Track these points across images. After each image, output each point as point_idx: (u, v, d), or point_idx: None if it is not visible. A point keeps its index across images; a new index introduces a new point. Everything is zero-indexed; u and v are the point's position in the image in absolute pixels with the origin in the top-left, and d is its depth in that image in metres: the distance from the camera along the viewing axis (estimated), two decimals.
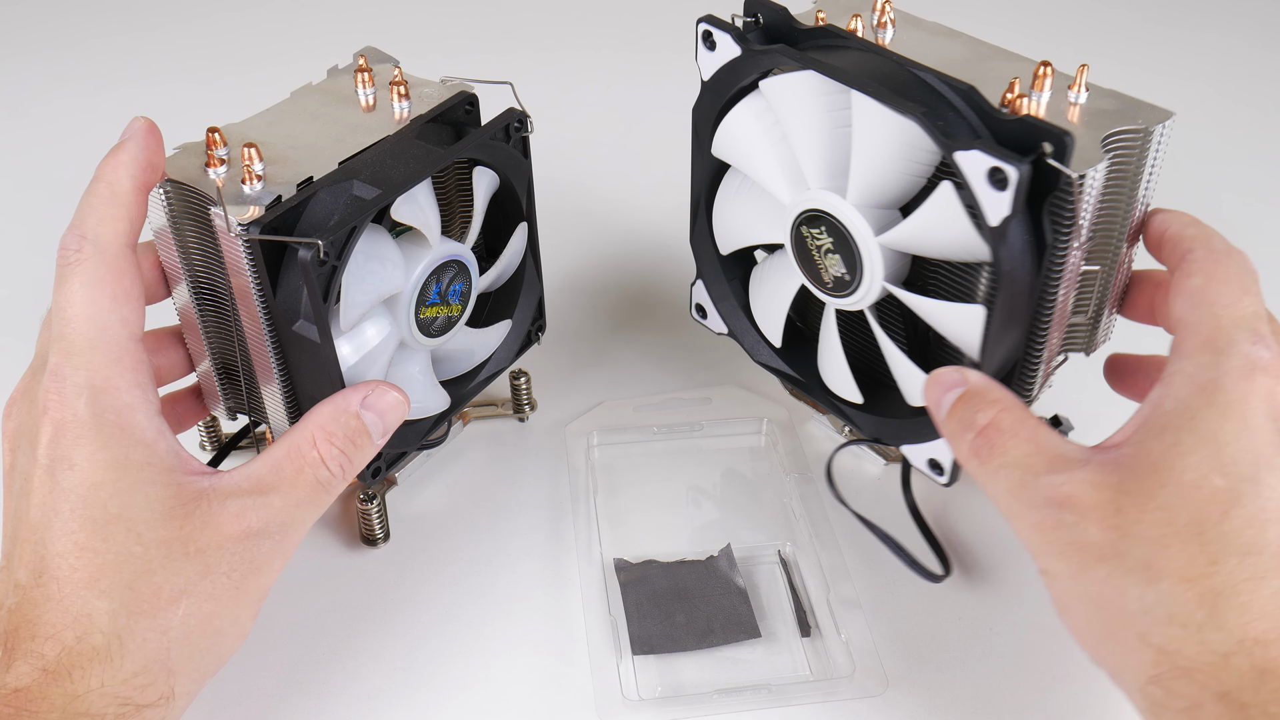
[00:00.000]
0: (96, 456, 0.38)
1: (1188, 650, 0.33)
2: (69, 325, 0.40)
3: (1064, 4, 1.07)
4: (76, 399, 0.38)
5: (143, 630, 0.37)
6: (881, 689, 0.46)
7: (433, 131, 0.50)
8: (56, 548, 0.37)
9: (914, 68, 0.43)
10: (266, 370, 0.47)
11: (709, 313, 0.55)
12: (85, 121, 0.90)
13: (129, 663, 0.37)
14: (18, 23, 1.06)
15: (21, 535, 0.38)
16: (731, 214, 0.52)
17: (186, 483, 0.39)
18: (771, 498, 0.55)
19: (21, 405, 0.41)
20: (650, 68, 0.97)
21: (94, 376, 0.39)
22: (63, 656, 0.36)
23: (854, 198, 0.44)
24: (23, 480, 0.39)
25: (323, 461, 0.42)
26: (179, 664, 0.38)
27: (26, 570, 0.37)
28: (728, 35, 0.46)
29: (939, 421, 0.41)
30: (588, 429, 0.59)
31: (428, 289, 0.48)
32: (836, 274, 0.47)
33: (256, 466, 0.41)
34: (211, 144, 0.45)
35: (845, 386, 0.51)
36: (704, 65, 0.48)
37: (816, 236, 0.46)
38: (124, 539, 0.37)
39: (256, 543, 0.40)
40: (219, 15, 1.07)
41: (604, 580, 0.50)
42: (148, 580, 0.37)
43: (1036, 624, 0.49)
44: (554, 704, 0.46)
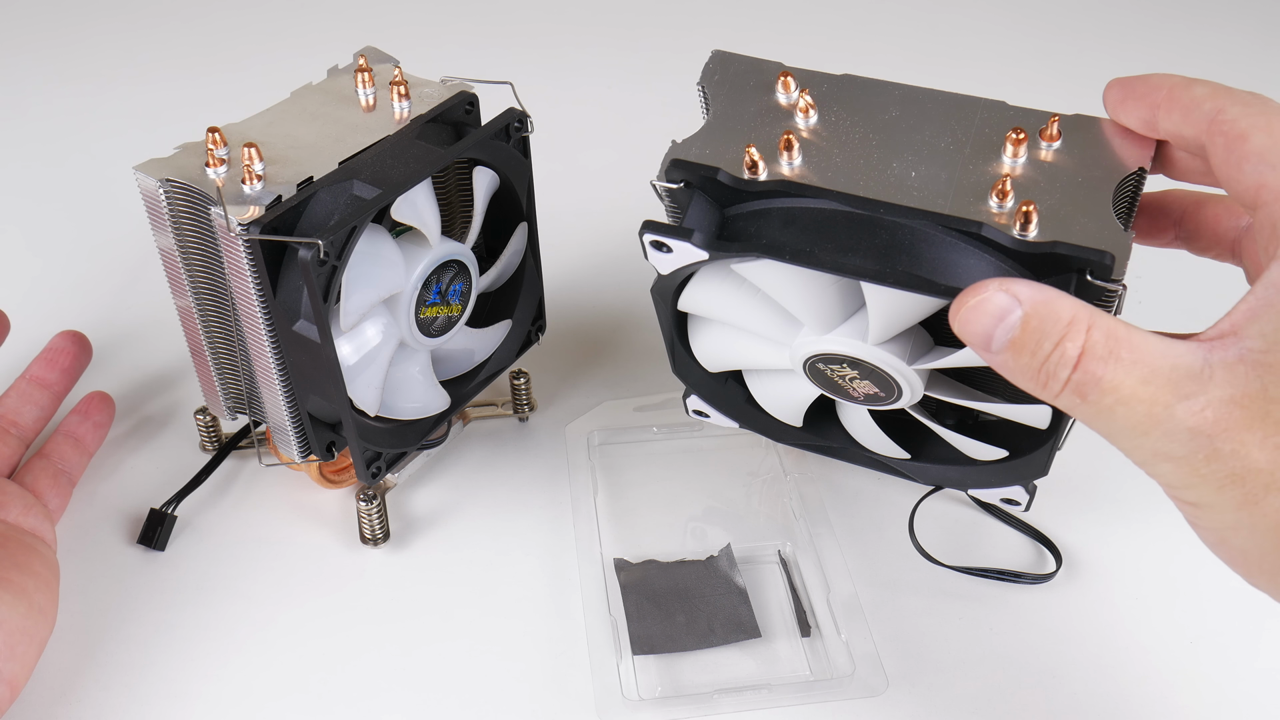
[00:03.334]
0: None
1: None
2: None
3: (1064, 4, 1.07)
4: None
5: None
6: (881, 689, 0.46)
7: (433, 131, 0.50)
8: None
9: (907, 220, 0.39)
10: (266, 370, 0.47)
11: (712, 415, 0.51)
12: (85, 121, 0.90)
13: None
14: (18, 22, 1.06)
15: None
16: (718, 347, 0.47)
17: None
18: (771, 498, 0.55)
19: None
20: (650, 68, 0.97)
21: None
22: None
23: (875, 339, 0.41)
24: None
25: None
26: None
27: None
28: (686, 243, 0.41)
29: (993, 357, 0.34)
30: (588, 429, 0.59)
31: (428, 289, 0.48)
32: (868, 393, 0.44)
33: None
34: (212, 144, 0.45)
35: (888, 449, 0.48)
36: (659, 264, 0.43)
37: (838, 370, 0.43)
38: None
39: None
40: (219, 15, 1.07)
41: (604, 580, 0.50)
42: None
43: (1036, 624, 0.49)
44: (554, 704, 0.46)
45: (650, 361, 0.64)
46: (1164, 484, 0.34)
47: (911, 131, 0.42)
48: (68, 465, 0.54)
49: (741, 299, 0.43)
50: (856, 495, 0.55)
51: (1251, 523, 0.32)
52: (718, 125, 0.44)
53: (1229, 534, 0.33)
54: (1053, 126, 0.41)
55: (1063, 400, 0.33)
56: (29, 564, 0.46)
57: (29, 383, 0.56)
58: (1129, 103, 0.40)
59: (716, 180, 0.41)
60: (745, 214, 0.42)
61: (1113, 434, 0.33)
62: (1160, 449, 0.32)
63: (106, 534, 0.54)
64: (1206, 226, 0.43)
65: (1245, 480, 0.31)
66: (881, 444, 0.48)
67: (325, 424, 0.49)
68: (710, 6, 1.07)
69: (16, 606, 0.43)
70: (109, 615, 0.50)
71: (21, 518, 0.49)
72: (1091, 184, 0.39)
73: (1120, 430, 0.33)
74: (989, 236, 0.37)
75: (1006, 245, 0.37)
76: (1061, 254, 0.36)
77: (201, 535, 0.54)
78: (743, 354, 0.47)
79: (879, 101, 0.44)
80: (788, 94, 0.44)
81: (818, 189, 0.40)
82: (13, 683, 0.43)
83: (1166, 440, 0.32)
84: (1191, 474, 0.32)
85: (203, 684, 0.47)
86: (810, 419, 0.49)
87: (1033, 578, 0.51)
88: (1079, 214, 0.38)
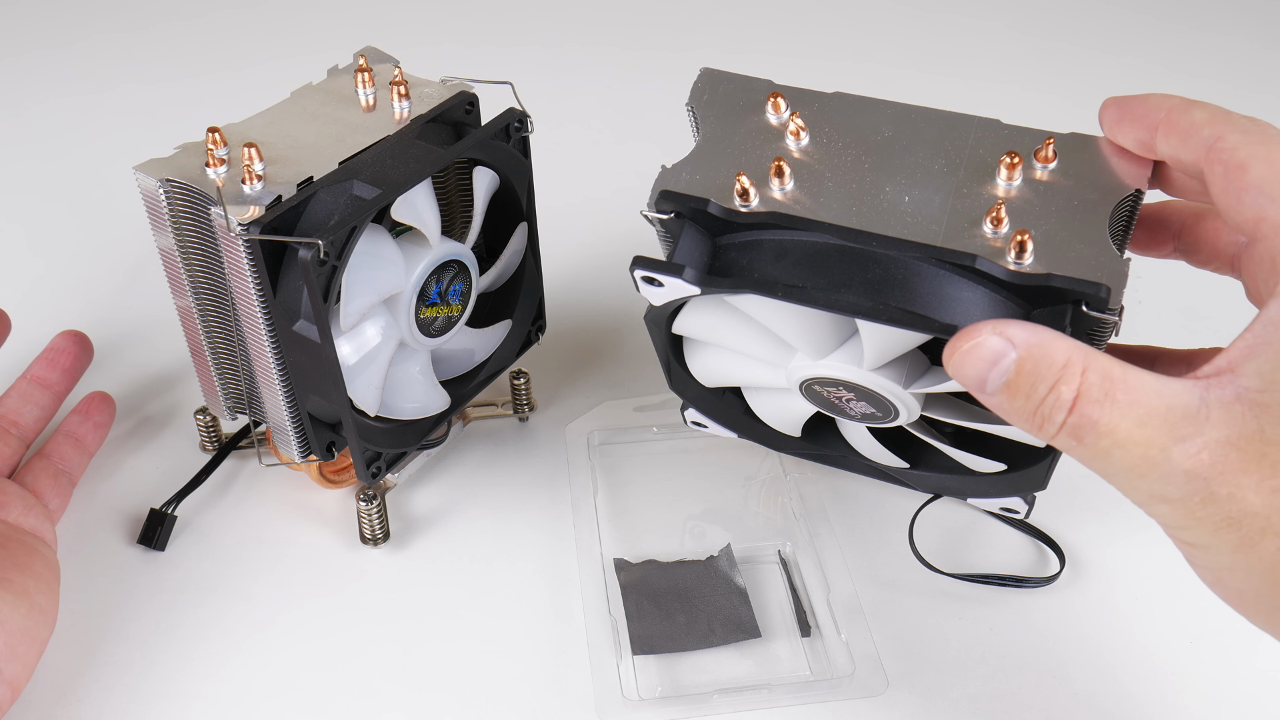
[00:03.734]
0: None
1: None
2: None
3: (1064, 4, 1.07)
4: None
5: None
6: (881, 689, 0.46)
7: (433, 131, 0.50)
8: None
9: (899, 254, 0.38)
10: (266, 370, 0.47)
11: (710, 426, 0.51)
12: (84, 121, 0.90)
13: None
14: (18, 23, 1.06)
15: None
16: (714, 367, 0.47)
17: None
18: (771, 498, 0.55)
19: None
20: (650, 68, 0.97)
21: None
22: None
23: (870, 366, 0.41)
24: None
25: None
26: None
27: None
28: (677, 279, 0.40)
29: (989, 399, 0.34)
30: (588, 429, 0.59)
31: (428, 289, 0.48)
32: (864, 413, 0.44)
33: None
34: (212, 144, 0.45)
35: (885, 458, 0.48)
36: (651, 297, 0.43)
37: (834, 392, 0.43)
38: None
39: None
40: (219, 14, 1.07)
41: (604, 580, 0.50)
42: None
43: (1036, 624, 0.49)
44: (554, 704, 0.46)
45: (650, 362, 0.64)
46: (1162, 524, 0.34)
47: (904, 153, 0.42)
48: (68, 465, 0.54)
49: (736, 325, 0.43)
50: (856, 496, 0.55)
51: (1248, 565, 0.32)
52: (707, 149, 0.43)
53: (1225, 575, 0.33)
54: (1048, 148, 0.40)
55: (1059, 442, 0.33)
56: (30, 564, 0.46)
57: (30, 383, 0.56)
58: (1125, 124, 0.40)
59: (707, 211, 0.41)
60: (737, 244, 0.41)
61: (1109, 475, 0.33)
62: (1157, 491, 0.32)
63: (106, 534, 0.54)
64: (1206, 240, 0.43)
65: (1241, 524, 0.31)
66: (880, 455, 0.48)
67: (325, 424, 0.49)
68: (710, 6, 1.07)
69: (18, 607, 0.43)
70: (109, 615, 0.50)
71: (22, 518, 0.49)
72: (1088, 206, 0.39)
73: (1117, 472, 0.33)
74: (983, 269, 0.37)
75: (1001, 278, 0.37)
76: (1056, 289, 0.36)
77: (201, 535, 0.54)
78: (739, 373, 0.47)
79: (871, 121, 0.43)
80: (778, 115, 0.44)
81: (809, 221, 0.39)
82: (13, 683, 0.43)
83: (1163, 483, 0.32)
84: (1188, 516, 0.32)
85: (203, 684, 0.47)
86: (809, 429, 0.49)
87: (1036, 581, 0.51)
88: (1075, 240, 0.38)
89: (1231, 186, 0.34)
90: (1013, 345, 0.33)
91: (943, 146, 0.42)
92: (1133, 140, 0.39)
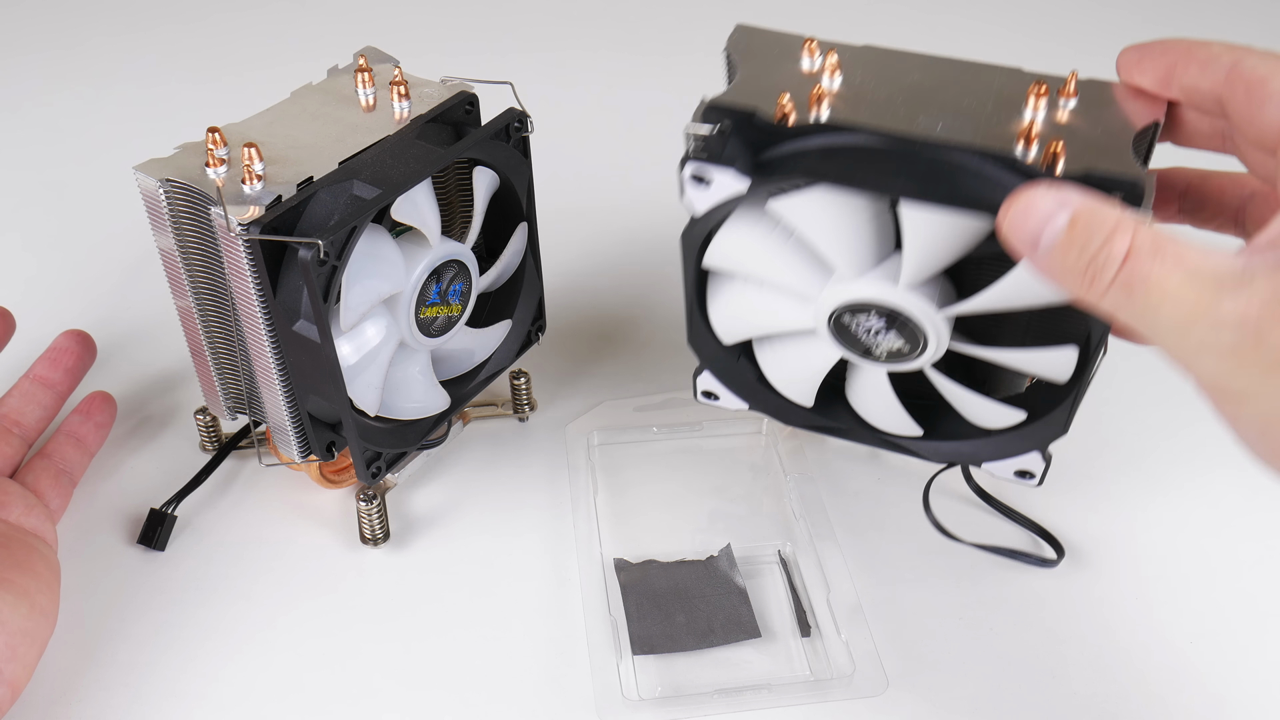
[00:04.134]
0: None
1: None
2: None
3: (1064, 4, 1.07)
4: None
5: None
6: (881, 689, 0.46)
7: (433, 131, 0.50)
8: None
9: (944, 149, 0.40)
10: (266, 370, 0.47)
11: (721, 395, 0.51)
12: (85, 122, 0.90)
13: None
14: (18, 23, 1.06)
15: None
16: (737, 313, 0.48)
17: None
18: (771, 498, 0.55)
19: None
20: (650, 68, 0.97)
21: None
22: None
23: (907, 283, 0.42)
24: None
25: None
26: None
27: None
28: (728, 171, 0.42)
29: (1040, 259, 0.35)
30: (588, 429, 0.59)
31: (428, 289, 0.48)
32: (891, 349, 0.44)
33: None
34: (212, 144, 0.45)
35: (901, 424, 0.48)
36: (696, 202, 0.43)
37: (864, 321, 0.44)
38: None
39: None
40: (219, 15, 1.07)
41: (604, 580, 0.50)
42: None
43: (1036, 624, 0.49)
44: (554, 704, 0.46)
45: (650, 361, 0.64)
46: (1207, 381, 0.34)
47: (935, 92, 0.43)
48: (69, 465, 0.54)
49: (772, 248, 0.44)
50: (856, 495, 0.55)
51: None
52: (746, 85, 0.44)
53: (1273, 422, 0.33)
54: (1070, 84, 0.42)
55: (1109, 298, 0.34)
56: (31, 565, 0.46)
57: (32, 382, 0.56)
58: (1145, 62, 0.41)
59: (753, 123, 0.41)
60: (781, 156, 0.42)
61: (1156, 330, 0.34)
62: (1206, 340, 0.33)
63: (106, 534, 0.54)
64: (1211, 198, 0.44)
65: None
66: (894, 418, 0.48)
67: (325, 424, 0.49)
68: (710, 6, 1.07)
69: (18, 608, 0.43)
70: (109, 615, 0.50)
71: (23, 518, 0.49)
72: (1110, 133, 0.40)
73: (1165, 326, 0.33)
74: (1024, 166, 0.38)
75: (1042, 174, 0.38)
76: (1095, 180, 0.37)
77: (201, 535, 0.54)
78: (763, 316, 0.47)
79: (900, 68, 0.45)
80: (812, 59, 0.45)
81: (855, 126, 0.41)
82: (14, 684, 0.43)
83: (1212, 332, 0.32)
84: (1238, 363, 0.32)
85: (203, 684, 0.47)
86: (818, 401, 0.50)
87: (1039, 559, 0.51)
88: (1102, 157, 0.39)
89: (1254, 98, 0.37)
90: (1067, 204, 0.34)
91: (970, 87, 0.43)
92: (1152, 78, 0.41)
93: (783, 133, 0.41)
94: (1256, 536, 0.53)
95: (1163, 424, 0.60)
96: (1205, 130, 0.42)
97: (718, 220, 0.44)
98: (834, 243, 0.42)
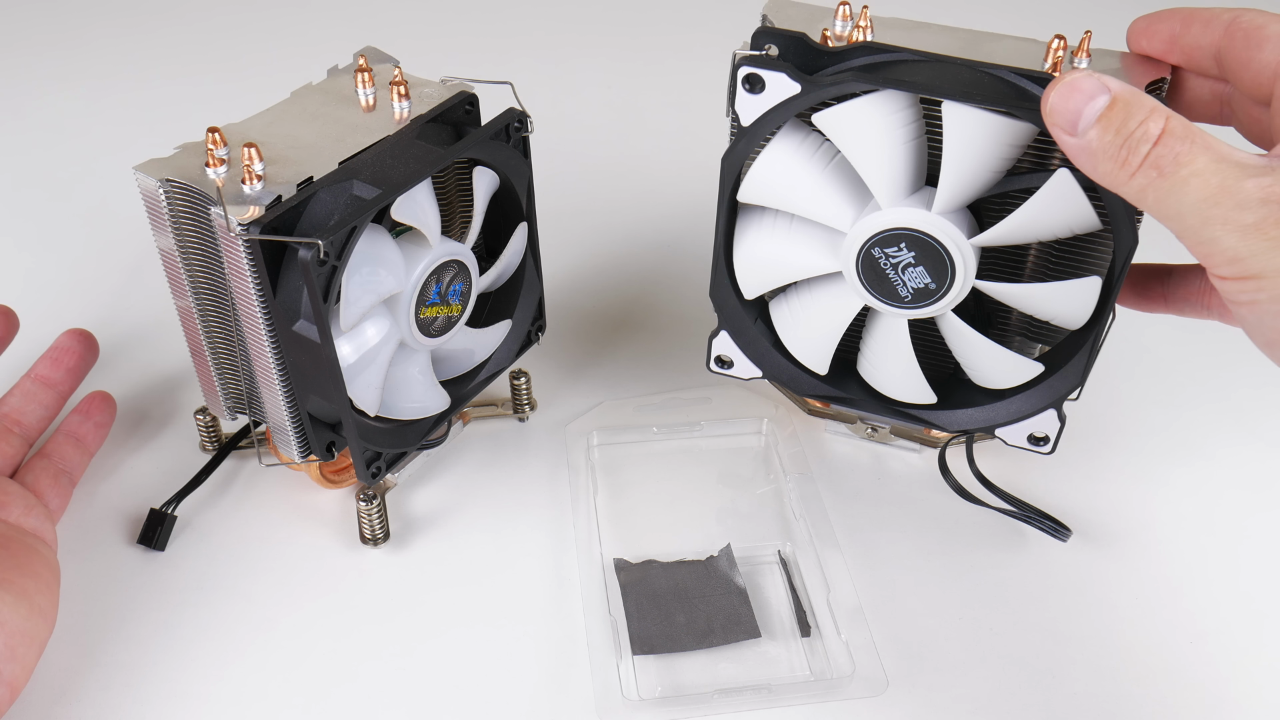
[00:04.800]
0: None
1: None
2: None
3: (1065, 4, 1.07)
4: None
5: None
6: (881, 689, 0.46)
7: (433, 131, 0.50)
8: None
9: (984, 68, 0.42)
10: (266, 370, 0.47)
11: (735, 361, 0.52)
12: (85, 122, 0.90)
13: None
14: (18, 23, 1.06)
15: None
16: (764, 255, 0.49)
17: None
18: (771, 498, 0.55)
19: None
20: (650, 68, 0.97)
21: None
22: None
23: (941, 208, 0.43)
24: None
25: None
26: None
27: None
28: (781, 74, 0.43)
29: (1078, 138, 0.38)
30: (588, 429, 0.59)
31: (428, 289, 0.48)
32: (918, 286, 0.45)
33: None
34: (212, 144, 0.45)
35: (916, 391, 0.49)
36: (745, 110, 0.45)
37: (893, 255, 0.45)
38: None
39: None
40: (219, 15, 1.07)
41: (604, 580, 0.50)
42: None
43: (1037, 624, 0.49)
44: (554, 704, 0.46)
45: (650, 361, 0.64)
46: (1226, 259, 0.36)
47: (959, 52, 0.45)
48: (69, 465, 0.54)
49: (809, 174, 0.45)
50: (856, 495, 0.55)
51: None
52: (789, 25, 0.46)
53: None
54: (1086, 41, 0.44)
55: (1140, 176, 0.36)
56: (30, 565, 0.46)
57: (34, 382, 0.56)
58: (1156, 25, 0.44)
59: (803, 43, 0.44)
60: (829, 77, 0.44)
61: (1182, 208, 0.36)
62: (1230, 217, 0.35)
63: (106, 534, 0.54)
64: (1176, 287, 0.47)
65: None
66: (910, 380, 0.48)
67: (325, 424, 0.49)
68: (710, 6, 1.07)
69: (18, 608, 0.43)
70: (109, 615, 0.50)
71: (23, 518, 0.49)
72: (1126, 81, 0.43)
73: (1192, 202, 0.35)
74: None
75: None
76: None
77: (201, 535, 0.54)
78: (790, 259, 0.48)
79: (924, 34, 0.47)
80: (846, 21, 0.47)
81: (899, 48, 0.44)
82: (13, 684, 0.43)
83: (1237, 209, 0.35)
84: (1260, 238, 0.35)
85: (203, 684, 0.47)
86: (829, 371, 0.51)
87: (1053, 526, 0.51)
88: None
89: (1251, 41, 0.40)
90: (1108, 87, 0.37)
91: (991, 51, 0.45)
92: (1158, 42, 0.44)
93: (830, 53, 0.44)
94: (1257, 536, 0.53)
95: (1164, 425, 0.60)
96: (1205, 96, 0.44)
97: (761, 138, 0.45)
98: (874, 160, 0.44)
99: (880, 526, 0.54)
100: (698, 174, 0.80)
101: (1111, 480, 0.56)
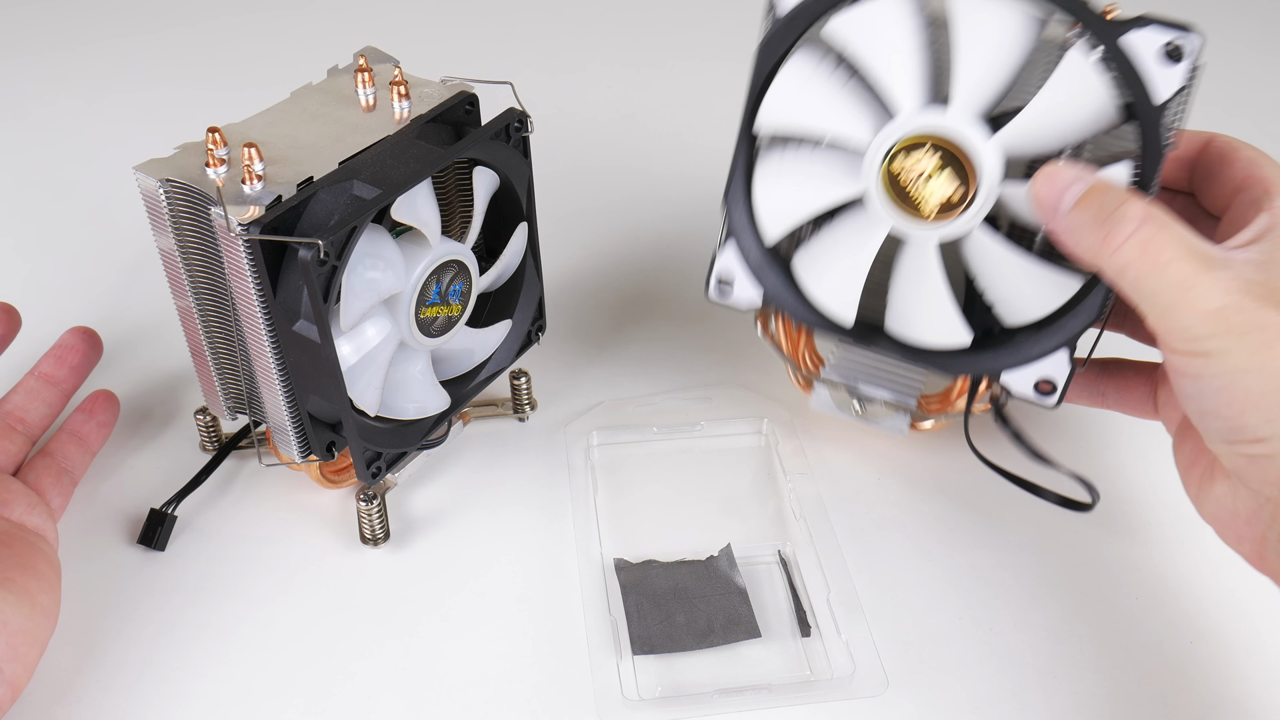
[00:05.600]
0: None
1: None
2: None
3: None
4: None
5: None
6: (881, 689, 0.46)
7: (433, 131, 0.50)
8: None
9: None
10: (266, 370, 0.47)
11: (736, 281, 0.50)
12: (85, 122, 0.90)
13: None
14: (18, 23, 1.06)
15: None
16: (783, 189, 0.48)
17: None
18: (771, 498, 0.55)
19: None
20: (650, 68, 0.97)
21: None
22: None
23: (959, 108, 0.44)
24: None
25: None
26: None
27: None
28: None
29: (1061, 219, 0.41)
30: (588, 429, 0.59)
31: (428, 289, 0.48)
32: (941, 198, 0.45)
33: None
34: (212, 144, 0.45)
35: (949, 328, 0.47)
36: (781, 1, 0.46)
37: (915, 166, 0.45)
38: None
39: None
40: (219, 15, 1.07)
41: (604, 580, 0.50)
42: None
43: (1038, 624, 0.49)
44: (554, 704, 0.46)
45: (650, 361, 0.64)
46: (1184, 336, 0.39)
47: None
48: (71, 464, 0.54)
49: (828, 92, 0.46)
50: (856, 495, 0.55)
51: (1259, 365, 0.38)
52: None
53: (1241, 376, 0.38)
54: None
55: (1124, 254, 0.39)
56: (33, 564, 0.46)
57: (37, 379, 0.56)
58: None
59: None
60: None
61: (1159, 287, 0.39)
62: (1200, 302, 0.38)
63: (107, 534, 0.54)
64: (1129, 383, 0.50)
65: (1264, 329, 0.37)
66: (948, 324, 0.47)
67: (325, 424, 0.49)
68: (710, 6, 1.07)
69: (20, 607, 0.43)
70: (109, 615, 0.50)
71: (25, 516, 0.49)
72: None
73: (1168, 284, 0.38)
74: (1082, 3, 0.41)
75: (1096, 14, 0.41)
76: (1150, 20, 0.41)
77: (201, 535, 0.54)
78: (811, 188, 0.47)
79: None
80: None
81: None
82: (14, 684, 0.43)
83: (1206, 296, 0.38)
84: (1222, 324, 0.38)
85: (203, 684, 0.47)
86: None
87: (1073, 503, 0.50)
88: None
89: (1225, 159, 0.45)
90: (1085, 177, 0.41)
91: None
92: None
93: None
94: None
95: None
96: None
97: (794, 36, 0.46)
98: (894, 62, 0.44)
99: (880, 526, 0.54)
100: (698, 174, 0.80)
101: (1111, 480, 0.56)
